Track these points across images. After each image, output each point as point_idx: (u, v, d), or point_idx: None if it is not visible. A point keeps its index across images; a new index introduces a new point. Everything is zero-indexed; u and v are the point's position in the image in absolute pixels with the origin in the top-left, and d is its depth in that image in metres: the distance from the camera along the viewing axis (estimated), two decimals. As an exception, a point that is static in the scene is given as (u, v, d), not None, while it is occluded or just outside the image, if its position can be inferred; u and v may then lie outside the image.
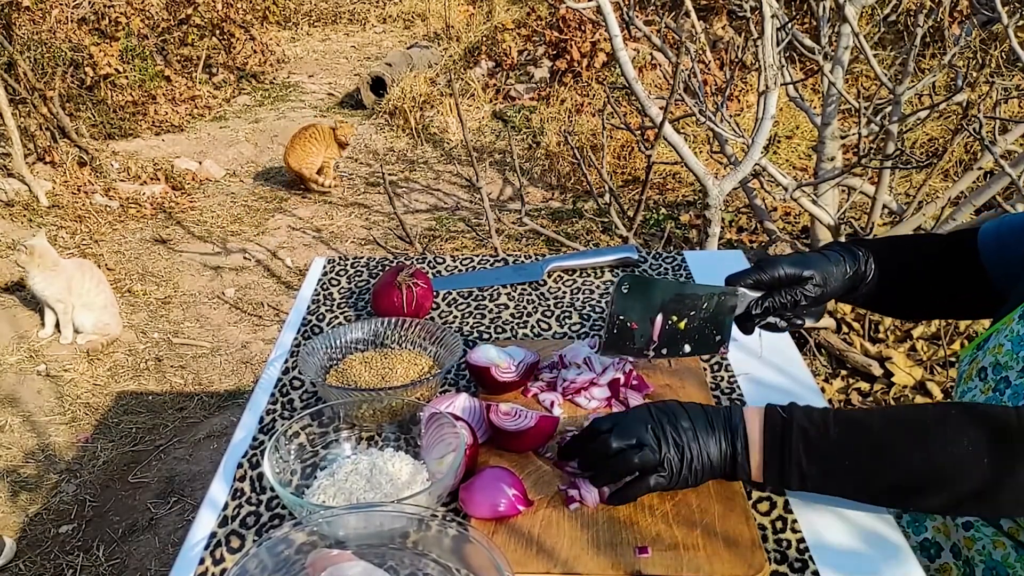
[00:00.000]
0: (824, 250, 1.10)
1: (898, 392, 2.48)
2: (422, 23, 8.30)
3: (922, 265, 1.12)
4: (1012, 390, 0.92)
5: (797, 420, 0.88)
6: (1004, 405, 0.89)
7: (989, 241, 1.08)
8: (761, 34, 2.22)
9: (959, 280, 1.11)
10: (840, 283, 1.08)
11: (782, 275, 1.04)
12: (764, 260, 1.06)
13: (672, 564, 0.85)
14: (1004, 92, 3.44)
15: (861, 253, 1.09)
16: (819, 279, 1.05)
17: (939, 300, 1.15)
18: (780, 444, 0.88)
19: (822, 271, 1.05)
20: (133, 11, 5.56)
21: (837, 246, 1.11)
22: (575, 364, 1.16)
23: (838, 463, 0.87)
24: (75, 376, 3.11)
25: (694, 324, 1.03)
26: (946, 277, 1.12)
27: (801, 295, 1.04)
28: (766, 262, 1.05)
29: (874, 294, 1.11)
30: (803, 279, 1.04)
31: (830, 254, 1.08)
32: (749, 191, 3.29)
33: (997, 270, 1.06)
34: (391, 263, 1.54)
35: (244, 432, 1.10)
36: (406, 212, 4.45)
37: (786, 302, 1.04)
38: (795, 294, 1.04)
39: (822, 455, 0.87)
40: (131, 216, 4.39)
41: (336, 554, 0.80)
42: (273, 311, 3.58)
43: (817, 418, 0.88)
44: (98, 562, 2.29)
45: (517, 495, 0.91)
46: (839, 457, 0.87)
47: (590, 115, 5.13)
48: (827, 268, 1.06)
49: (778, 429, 0.88)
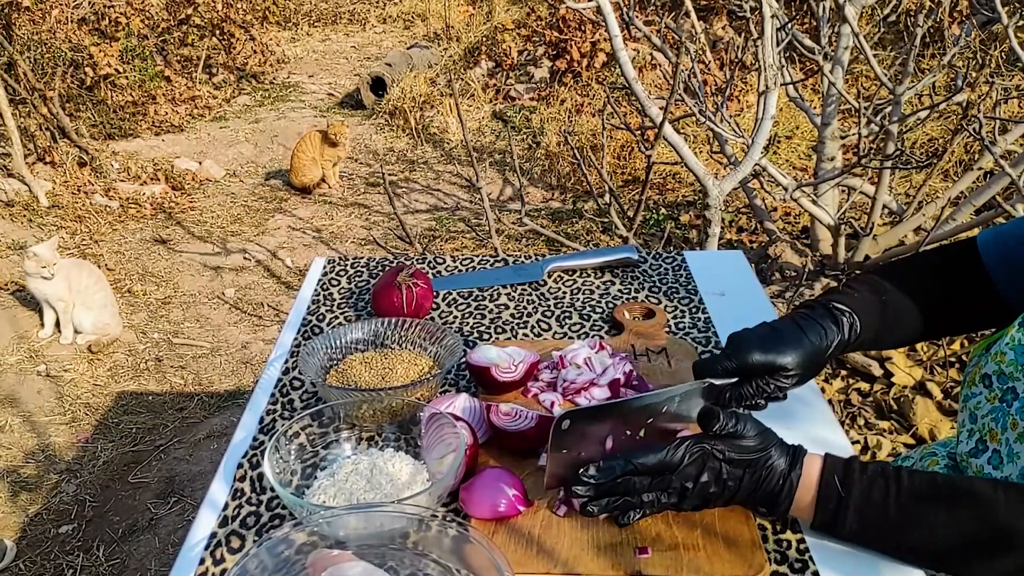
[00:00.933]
0: (804, 320, 0.97)
1: (898, 392, 2.48)
2: (422, 23, 8.30)
3: (922, 290, 1.05)
4: (1020, 403, 0.91)
5: (854, 502, 0.85)
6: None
7: (991, 251, 1.03)
8: (761, 34, 2.22)
9: (965, 295, 1.06)
10: (821, 361, 0.96)
11: (753, 363, 0.93)
12: (734, 342, 0.95)
13: (672, 564, 0.85)
14: (1004, 92, 3.44)
15: (845, 318, 0.97)
16: (794, 366, 0.93)
17: (950, 319, 1.09)
18: (832, 520, 0.85)
19: (799, 356, 0.93)
20: (133, 11, 5.56)
21: (821, 311, 0.98)
22: (575, 364, 1.16)
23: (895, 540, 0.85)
24: (75, 376, 3.11)
25: (653, 429, 0.94)
26: (951, 295, 1.06)
27: (774, 386, 0.94)
28: (735, 346, 0.94)
29: (869, 341, 1.02)
30: (776, 367, 0.93)
31: (810, 328, 0.96)
32: (749, 191, 3.30)
33: (1006, 279, 1.02)
34: (391, 263, 1.54)
35: (244, 432, 1.10)
36: (406, 212, 4.45)
37: (757, 391, 0.94)
38: (767, 385, 0.94)
39: (878, 539, 0.85)
40: (131, 216, 4.39)
41: (336, 554, 0.80)
42: (273, 311, 3.58)
43: (877, 498, 0.85)
44: (98, 562, 2.29)
45: (517, 495, 0.91)
46: (896, 539, 0.85)
47: (590, 115, 5.13)
48: (804, 351, 0.94)
49: (840, 472, 0.86)
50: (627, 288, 1.44)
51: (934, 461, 1.14)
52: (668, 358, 1.20)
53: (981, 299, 1.05)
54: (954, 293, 1.06)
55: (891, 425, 2.41)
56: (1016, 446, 0.91)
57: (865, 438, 2.36)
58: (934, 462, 1.14)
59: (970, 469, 0.99)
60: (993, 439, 0.95)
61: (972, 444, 0.99)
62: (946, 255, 1.09)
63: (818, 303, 1.00)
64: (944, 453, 1.15)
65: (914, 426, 2.36)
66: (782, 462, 0.86)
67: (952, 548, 0.83)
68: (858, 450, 2.31)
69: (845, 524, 0.85)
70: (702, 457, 0.85)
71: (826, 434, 1.07)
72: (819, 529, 0.88)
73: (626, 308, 1.35)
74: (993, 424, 0.95)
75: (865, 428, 2.43)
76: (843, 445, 1.05)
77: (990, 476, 0.95)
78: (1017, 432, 0.91)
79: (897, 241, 3.01)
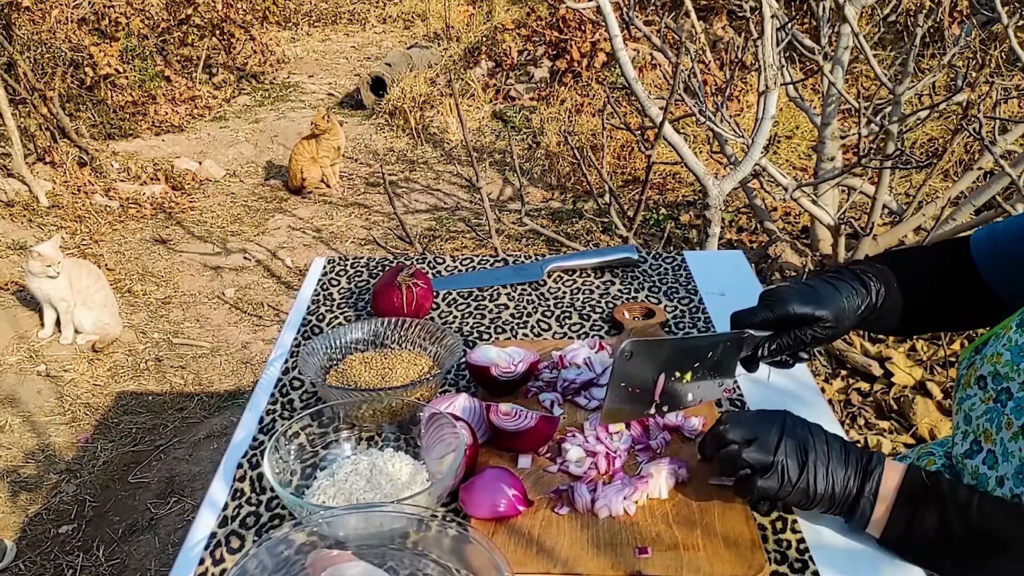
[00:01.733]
0: (835, 280, 1.01)
1: (898, 392, 2.48)
2: (422, 23, 8.30)
3: (922, 280, 1.07)
4: (1015, 402, 0.92)
5: (942, 494, 0.85)
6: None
7: (984, 250, 1.04)
8: (761, 34, 2.22)
9: (958, 291, 1.07)
10: (852, 320, 1.00)
11: (792, 314, 0.96)
12: (773, 296, 0.98)
13: (672, 564, 0.85)
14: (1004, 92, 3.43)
15: (872, 283, 1.02)
16: (831, 318, 0.97)
17: (939, 314, 1.11)
18: (913, 511, 0.85)
19: (835, 309, 0.97)
20: (133, 11, 5.56)
21: (849, 274, 1.02)
22: (575, 364, 1.16)
23: (969, 550, 0.84)
24: (75, 376, 3.11)
25: (699, 375, 0.98)
26: (946, 289, 1.08)
27: (811, 336, 0.97)
28: (775, 299, 0.97)
29: (877, 318, 1.05)
30: (815, 319, 0.96)
31: (842, 287, 1.00)
32: (749, 191, 3.29)
33: (999, 278, 1.03)
34: (391, 263, 1.54)
35: (244, 432, 1.10)
36: (406, 212, 4.45)
37: (795, 342, 0.97)
38: (805, 335, 0.97)
39: (951, 543, 0.84)
40: (131, 216, 4.39)
41: (336, 554, 0.80)
42: (273, 311, 3.58)
43: (963, 500, 0.84)
44: (98, 562, 2.29)
45: (517, 495, 0.91)
46: (968, 550, 0.84)
47: (590, 115, 5.12)
48: (839, 305, 0.98)
49: (919, 492, 0.85)
50: (627, 288, 1.44)
51: (931, 461, 1.14)
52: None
53: (971, 296, 1.06)
54: (945, 289, 1.08)
55: (891, 425, 2.41)
56: (1011, 445, 0.91)
57: (865, 438, 2.36)
58: (931, 462, 1.14)
59: (965, 470, 0.99)
60: (988, 440, 0.95)
61: (967, 445, 0.99)
62: (940, 251, 1.10)
63: (844, 268, 1.04)
64: (941, 453, 1.15)
65: (914, 426, 2.36)
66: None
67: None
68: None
69: (927, 515, 0.84)
70: (784, 415, 0.89)
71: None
72: (891, 531, 0.86)
73: (626, 308, 1.35)
74: (988, 424, 0.95)
75: (865, 428, 2.43)
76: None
77: (985, 476, 0.95)
78: (1012, 431, 0.91)
79: (897, 241, 3.01)
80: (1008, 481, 0.92)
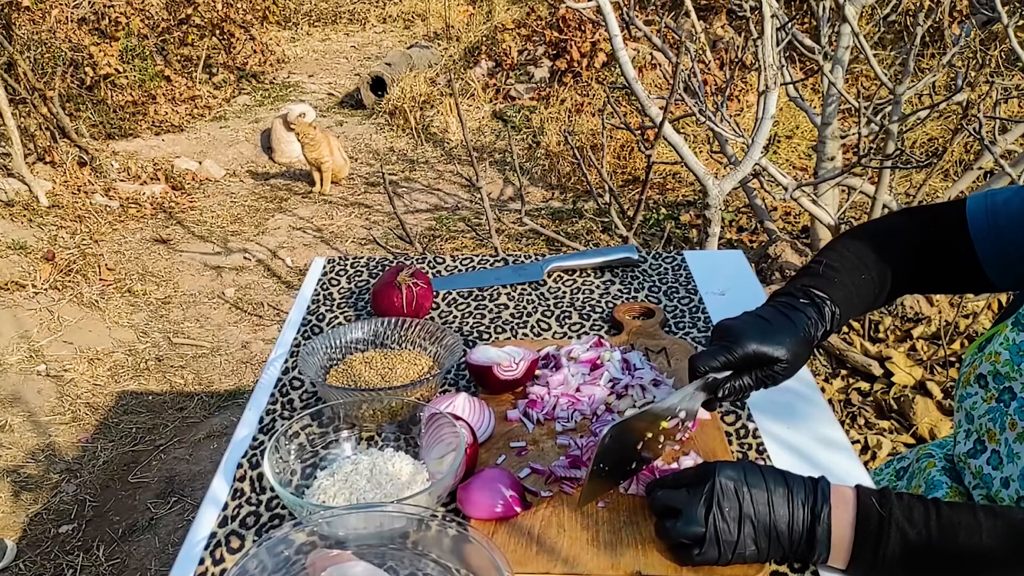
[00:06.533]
0: (788, 311, 0.97)
1: (898, 392, 2.48)
2: (422, 23, 8.30)
3: (904, 252, 1.05)
4: (1018, 402, 0.91)
5: (896, 520, 0.80)
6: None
7: (979, 219, 1.02)
8: (761, 34, 2.22)
9: (945, 257, 1.05)
10: (809, 351, 0.97)
11: (751, 354, 0.93)
12: (729, 334, 0.95)
13: (672, 564, 0.85)
14: (1004, 92, 3.43)
15: (827, 307, 0.98)
16: (791, 356, 0.94)
17: (921, 280, 1.09)
18: (875, 545, 0.80)
19: (794, 346, 0.94)
20: (133, 11, 5.56)
21: (803, 299, 0.98)
22: (575, 359, 1.16)
23: (938, 572, 0.81)
24: (75, 376, 3.11)
25: (672, 424, 0.97)
26: (932, 255, 1.05)
27: (770, 377, 0.95)
28: (732, 338, 0.94)
29: (847, 321, 1.02)
30: (773, 359, 0.93)
31: (798, 319, 0.96)
32: (749, 191, 3.30)
33: (989, 251, 1.01)
34: (391, 263, 1.54)
35: (244, 432, 1.10)
36: (406, 212, 4.46)
37: (756, 383, 0.95)
38: (764, 376, 0.95)
39: (921, 564, 0.80)
40: (131, 216, 4.39)
41: (336, 554, 0.80)
42: (273, 311, 3.58)
43: (918, 519, 0.80)
44: (98, 562, 2.29)
45: (514, 496, 0.91)
46: (939, 567, 0.80)
47: (590, 115, 5.13)
48: (798, 341, 0.95)
49: (873, 527, 0.81)
50: (627, 288, 1.44)
51: (931, 463, 1.13)
52: (668, 357, 1.20)
53: (960, 263, 1.04)
54: (935, 254, 1.06)
55: (891, 425, 2.41)
56: (1016, 446, 0.91)
57: (865, 438, 2.36)
58: (931, 464, 1.13)
59: (968, 470, 0.99)
60: (991, 439, 0.95)
61: (970, 444, 0.99)
62: (935, 216, 1.07)
63: (798, 290, 1.00)
64: (941, 454, 1.15)
65: (914, 426, 2.36)
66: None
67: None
68: (858, 450, 2.31)
69: (889, 546, 0.80)
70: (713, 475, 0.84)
71: (826, 434, 1.07)
72: (856, 560, 0.82)
73: (626, 308, 1.35)
74: (991, 424, 0.95)
75: (865, 428, 2.43)
76: (843, 445, 1.05)
77: (989, 476, 0.95)
78: (1016, 432, 0.91)
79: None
80: (1014, 483, 0.91)
